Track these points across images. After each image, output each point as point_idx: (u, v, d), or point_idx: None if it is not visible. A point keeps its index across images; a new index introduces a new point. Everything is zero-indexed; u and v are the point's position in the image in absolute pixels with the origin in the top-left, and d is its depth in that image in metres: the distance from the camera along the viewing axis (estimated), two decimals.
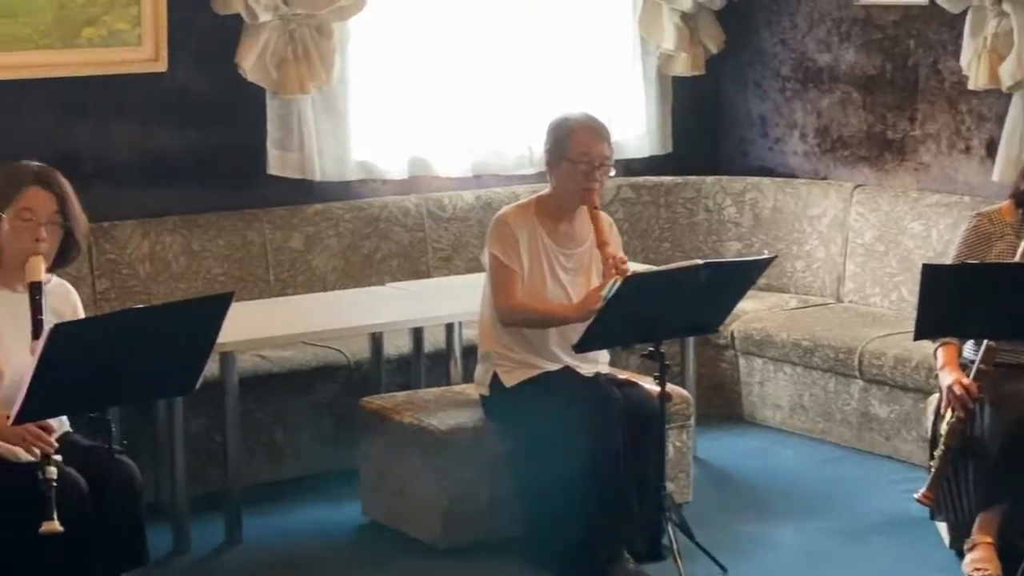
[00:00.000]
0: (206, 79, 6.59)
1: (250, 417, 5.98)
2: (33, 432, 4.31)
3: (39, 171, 4.60)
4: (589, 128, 5.43)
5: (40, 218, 4.51)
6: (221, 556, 5.56)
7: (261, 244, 6.65)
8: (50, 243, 4.54)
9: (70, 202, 4.58)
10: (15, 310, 4.45)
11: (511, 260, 5.34)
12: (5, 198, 4.53)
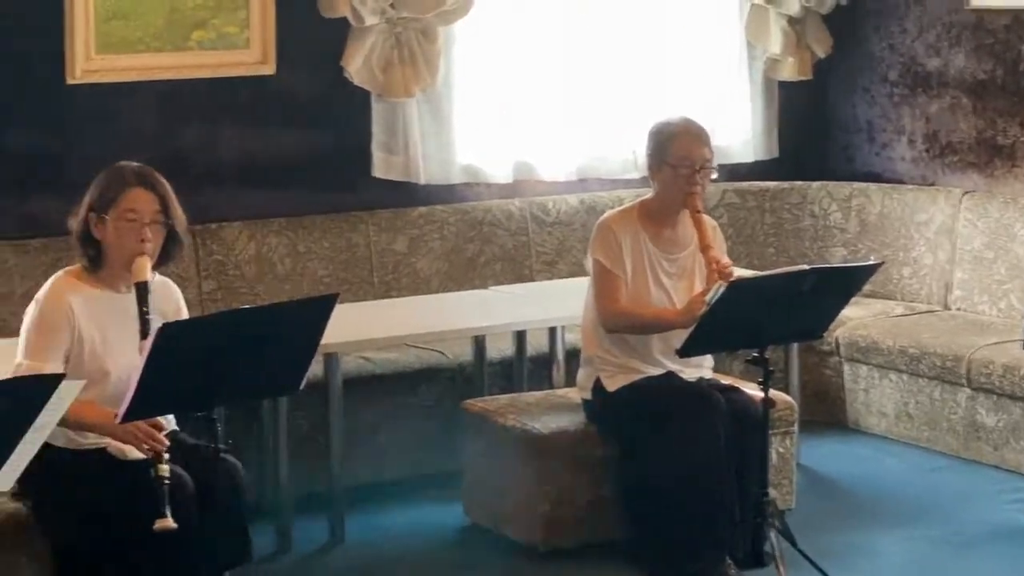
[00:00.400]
0: (313, 82, 6.63)
1: (354, 418, 6.00)
2: (144, 430, 4.36)
3: (140, 172, 4.63)
4: (689, 132, 5.40)
5: (143, 218, 4.55)
6: (323, 556, 5.59)
7: (366, 246, 6.68)
8: (154, 243, 4.57)
9: (171, 201, 4.61)
10: (121, 310, 4.49)
11: (614, 265, 5.33)
12: (108, 200, 4.56)
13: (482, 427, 5.71)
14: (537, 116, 7.15)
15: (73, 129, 6.16)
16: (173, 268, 6.12)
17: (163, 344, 4.14)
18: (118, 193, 4.56)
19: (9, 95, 6.06)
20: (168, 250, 4.65)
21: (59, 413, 3.58)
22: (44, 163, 6.01)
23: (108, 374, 4.50)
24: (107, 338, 4.54)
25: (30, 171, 6.03)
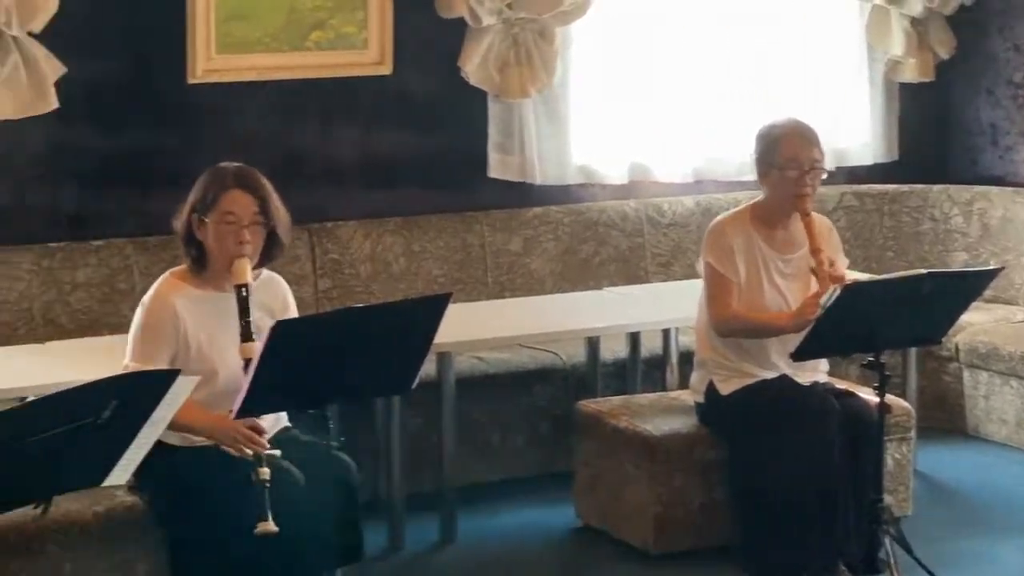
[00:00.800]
0: (429, 82, 6.65)
1: (466, 418, 6.01)
2: (244, 433, 4.39)
3: (238, 173, 4.63)
4: (796, 133, 5.35)
5: (242, 220, 4.56)
6: (435, 555, 5.61)
7: (480, 246, 6.69)
8: (254, 244, 4.58)
9: (271, 201, 4.61)
10: (226, 310, 4.51)
11: (726, 269, 5.29)
12: (208, 202, 4.59)
13: (595, 428, 5.69)
14: (653, 117, 7.12)
15: (193, 128, 6.23)
16: (289, 267, 6.24)
17: (277, 341, 4.17)
18: (217, 195, 4.58)
19: (132, 94, 6.14)
20: (269, 251, 4.66)
21: (174, 408, 3.63)
22: (164, 161, 6.08)
23: (216, 374, 4.53)
24: (214, 339, 4.57)
25: (150, 169, 6.11)
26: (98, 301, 5.96)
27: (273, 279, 4.78)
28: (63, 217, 6.07)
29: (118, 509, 4.68)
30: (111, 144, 6.12)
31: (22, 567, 4.57)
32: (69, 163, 6.07)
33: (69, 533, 4.61)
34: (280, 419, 4.74)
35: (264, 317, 4.58)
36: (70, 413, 3.38)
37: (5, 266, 5.88)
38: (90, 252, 6.01)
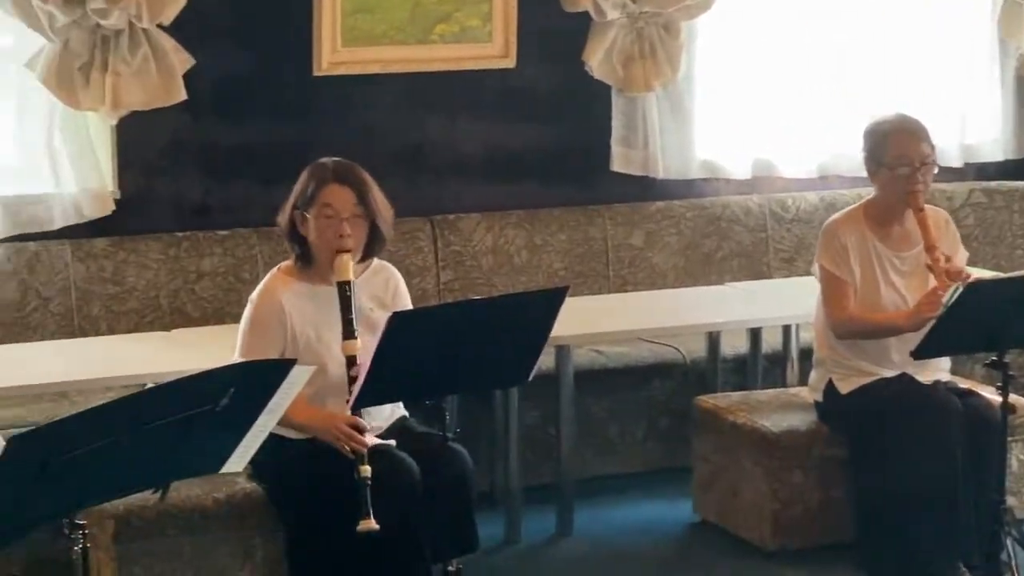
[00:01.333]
0: (553, 76, 6.66)
1: (585, 411, 6.03)
2: (345, 432, 4.44)
3: (336, 167, 4.66)
4: (904, 130, 5.28)
5: (342, 214, 4.58)
6: (551, 548, 5.62)
7: (602, 240, 6.69)
8: (355, 237, 4.60)
9: (370, 195, 4.62)
10: (334, 304, 4.53)
11: (841, 271, 5.24)
12: (308, 197, 4.63)
13: (713, 424, 5.68)
14: (778, 112, 7.07)
15: (318, 120, 6.30)
16: (412, 258, 6.29)
17: (393, 333, 4.20)
18: (316, 190, 4.62)
19: (258, 86, 6.22)
20: (372, 244, 4.68)
21: (290, 397, 3.67)
22: (289, 153, 6.12)
23: (325, 368, 4.55)
24: (321, 333, 4.61)
25: (276, 160, 6.16)
26: (223, 290, 6.05)
27: (384, 268, 4.80)
28: (189, 207, 6.17)
29: (238, 495, 4.75)
30: (237, 135, 6.21)
31: (144, 550, 4.66)
32: (196, 154, 6.17)
33: (190, 518, 4.69)
34: (396, 410, 4.78)
35: (375, 308, 4.62)
36: (189, 400, 3.42)
37: (134, 255, 5.98)
38: (215, 242, 6.11)
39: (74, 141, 5.92)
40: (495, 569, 5.39)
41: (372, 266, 4.75)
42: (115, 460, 3.32)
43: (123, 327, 5.89)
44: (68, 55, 5.79)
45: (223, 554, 4.74)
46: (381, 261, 4.81)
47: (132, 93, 5.87)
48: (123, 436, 3.29)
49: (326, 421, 4.48)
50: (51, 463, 3.17)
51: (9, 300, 5.79)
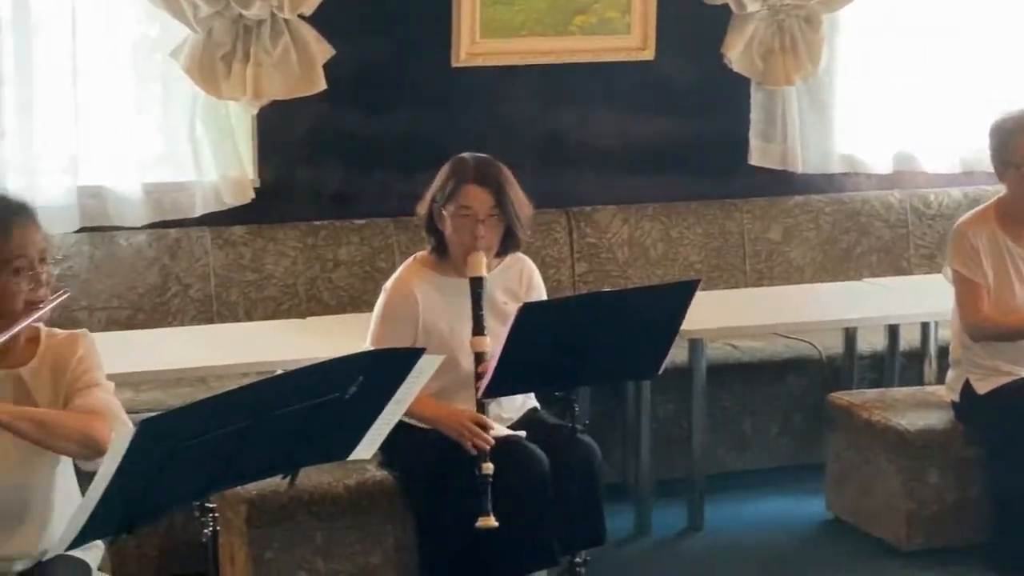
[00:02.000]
0: (692, 68, 6.63)
1: (718, 405, 6.00)
2: (469, 428, 4.45)
3: (477, 166, 4.65)
4: None
5: (478, 214, 4.59)
6: (681, 541, 5.60)
7: (739, 234, 6.65)
8: (489, 238, 4.60)
9: (508, 196, 4.61)
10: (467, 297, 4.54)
11: (973, 273, 5.15)
12: (447, 194, 4.64)
13: (847, 421, 5.62)
14: (920, 105, 6.97)
15: (456, 110, 6.32)
16: (547, 249, 6.30)
17: (523, 324, 4.21)
18: (456, 188, 4.62)
19: (397, 77, 6.26)
20: (507, 244, 4.68)
21: (418, 387, 3.68)
22: (427, 143, 6.18)
23: (456, 361, 4.57)
24: (453, 326, 4.63)
25: (414, 150, 6.21)
26: (359, 279, 6.10)
27: (519, 259, 4.81)
28: (327, 196, 6.23)
29: (369, 483, 4.79)
30: (375, 125, 6.26)
31: (276, 535, 4.71)
32: (334, 143, 6.22)
33: (321, 504, 4.74)
34: (527, 401, 4.79)
35: (508, 301, 4.62)
36: (317, 387, 3.45)
37: (272, 243, 6.05)
38: (353, 231, 6.16)
39: (215, 130, 6.00)
40: (624, 562, 5.38)
41: (507, 259, 4.76)
42: (244, 445, 3.35)
43: (260, 314, 5.97)
44: (211, 45, 5.87)
45: (353, 540, 4.78)
46: (518, 255, 4.80)
47: (273, 83, 5.93)
48: (252, 422, 3.32)
49: (452, 416, 4.50)
50: (181, 447, 3.21)
51: (150, 285, 5.89)
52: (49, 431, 3.46)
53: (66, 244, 5.79)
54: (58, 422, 3.49)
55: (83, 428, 3.48)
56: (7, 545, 3.59)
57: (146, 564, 5.10)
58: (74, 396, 3.57)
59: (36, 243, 3.60)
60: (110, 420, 3.52)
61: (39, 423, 3.46)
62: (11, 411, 3.44)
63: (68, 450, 3.52)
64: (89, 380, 3.60)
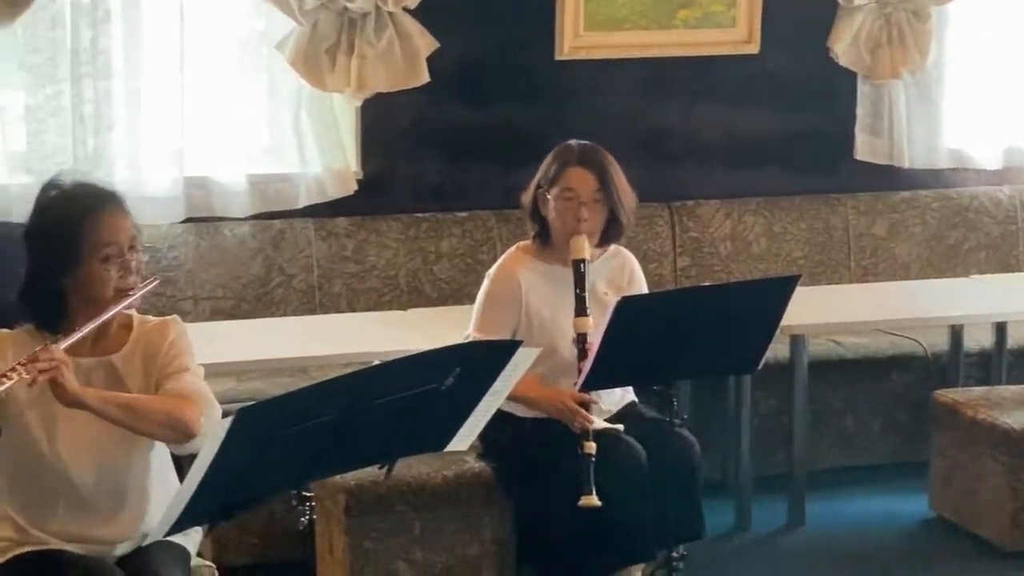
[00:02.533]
0: (797, 62, 6.58)
1: (821, 402, 5.95)
2: (572, 407, 4.45)
3: (582, 151, 4.67)
4: None
5: (581, 197, 4.59)
6: (781, 538, 5.57)
7: (843, 229, 6.60)
8: (592, 222, 4.60)
9: (612, 181, 4.61)
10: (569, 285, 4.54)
11: None
12: (551, 178, 4.65)
13: (952, 419, 5.56)
14: None
15: (558, 104, 6.32)
16: (649, 243, 6.29)
17: (621, 317, 4.21)
18: (560, 171, 4.64)
19: (500, 70, 6.27)
20: (609, 230, 4.68)
21: (515, 379, 3.69)
22: (529, 137, 6.18)
23: (556, 348, 4.58)
24: (555, 313, 4.62)
25: (516, 144, 6.21)
26: (460, 271, 6.11)
27: (620, 253, 4.80)
28: (430, 188, 6.25)
29: (467, 474, 4.80)
30: (478, 118, 6.27)
31: (375, 524, 4.74)
32: (437, 136, 6.24)
33: (420, 495, 4.76)
34: (626, 395, 4.78)
35: (610, 293, 4.62)
36: (414, 379, 3.47)
37: (375, 235, 6.08)
38: (455, 223, 6.18)
39: (319, 122, 6.04)
40: (724, 557, 5.36)
41: (609, 251, 4.76)
42: (341, 435, 3.37)
43: (362, 305, 6.00)
44: (316, 38, 5.91)
45: (451, 531, 4.80)
46: (618, 247, 4.81)
47: (377, 75, 5.96)
48: (348, 412, 3.35)
49: (555, 396, 4.50)
50: (278, 436, 3.24)
51: (254, 276, 5.95)
52: (138, 415, 3.50)
53: (172, 235, 5.86)
54: (146, 406, 3.52)
55: (172, 412, 3.51)
56: (106, 529, 3.63)
57: (247, 551, 5.15)
58: (164, 381, 3.60)
59: (126, 230, 3.63)
60: (199, 404, 3.55)
61: (128, 408, 3.50)
62: (101, 396, 3.48)
63: (157, 434, 3.56)
64: (179, 365, 3.63)
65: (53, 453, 3.58)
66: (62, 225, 3.59)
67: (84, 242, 3.57)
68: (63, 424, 3.58)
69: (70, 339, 3.49)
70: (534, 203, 4.71)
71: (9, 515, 3.64)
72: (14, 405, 3.56)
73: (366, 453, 3.59)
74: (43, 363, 3.37)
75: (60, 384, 3.39)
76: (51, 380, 3.39)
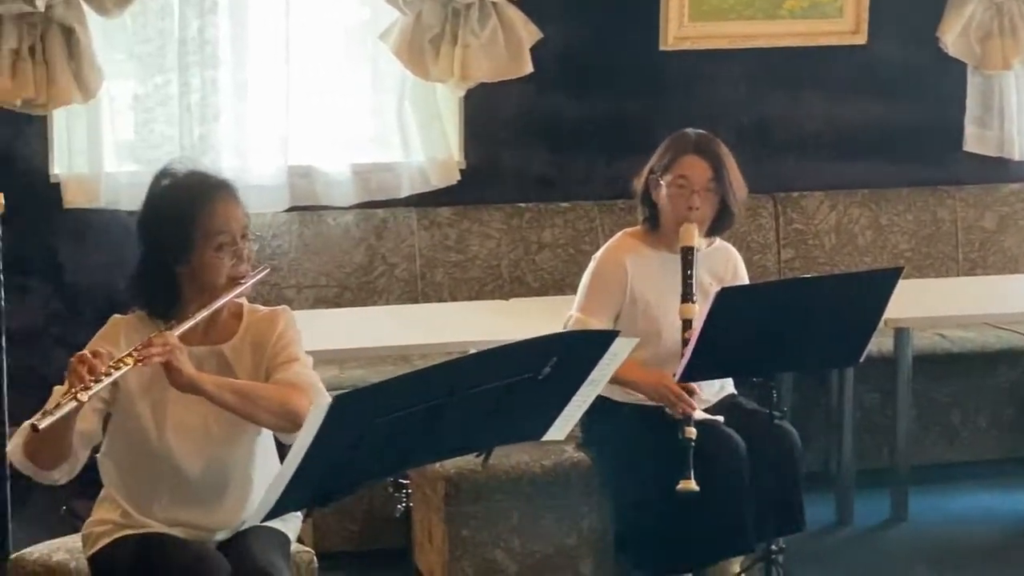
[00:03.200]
0: (905, 52, 6.52)
1: (925, 396, 5.90)
2: (675, 391, 4.44)
3: (698, 139, 4.67)
4: None
5: (694, 185, 4.59)
6: (883, 532, 5.52)
7: (951, 222, 6.52)
8: (703, 210, 4.60)
9: (727, 171, 4.60)
10: (676, 272, 4.54)
11: None
12: (665, 164, 4.65)
13: None
14: None
15: (662, 95, 6.30)
16: (753, 235, 6.25)
17: (720, 308, 4.19)
18: (674, 158, 4.64)
19: (604, 60, 6.26)
20: (720, 220, 4.66)
21: (612, 369, 3.67)
22: (632, 127, 6.17)
23: (660, 335, 4.58)
24: (661, 299, 4.62)
25: (620, 134, 6.21)
26: (563, 261, 6.11)
27: (726, 247, 4.80)
28: (533, 179, 6.26)
29: (565, 464, 4.80)
30: (581, 109, 6.27)
31: (473, 513, 4.75)
32: (540, 126, 6.25)
33: (518, 484, 4.76)
34: (726, 386, 4.76)
35: (713, 284, 4.60)
36: (512, 368, 3.46)
37: (477, 224, 6.10)
38: (557, 213, 6.18)
39: (423, 111, 6.06)
40: (825, 551, 5.32)
41: (714, 244, 4.75)
42: (437, 423, 3.38)
43: (464, 294, 6.02)
44: (420, 28, 5.93)
45: (550, 521, 4.80)
46: (724, 242, 4.80)
47: (480, 65, 5.97)
48: (445, 400, 3.35)
49: (656, 379, 4.49)
50: (374, 423, 3.25)
51: (357, 264, 5.98)
52: (251, 402, 3.53)
53: (276, 223, 5.91)
54: (259, 393, 3.55)
55: (283, 400, 3.54)
56: (209, 517, 3.67)
57: (348, 538, 5.19)
58: (274, 371, 3.63)
59: (239, 219, 3.67)
60: (309, 393, 3.58)
61: (241, 394, 3.53)
62: (216, 381, 3.52)
63: (268, 422, 3.58)
64: (289, 355, 3.65)
65: (161, 441, 3.63)
66: (176, 213, 3.63)
67: (198, 230, 3.61)
68: (172, 412, 3.62)
69: (183, 326, 3.53)
70: (646, 188, 4.70)
71: (115, 498, 3.69)
72: (126, 393, 3.61)
73: (463, 441, 3.59)
74: (157, 348, 3.42)
75: (176, 368, 3.43)
76: (166, 365, 3.43)
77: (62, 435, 3.44)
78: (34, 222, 5.73)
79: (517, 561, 4.78)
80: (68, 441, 3.47)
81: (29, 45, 5.56)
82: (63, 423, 3.37)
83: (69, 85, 5.60)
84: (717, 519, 4.45)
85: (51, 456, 3.50)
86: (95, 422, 3.59)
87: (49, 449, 3.48)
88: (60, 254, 5.86)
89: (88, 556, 3.70)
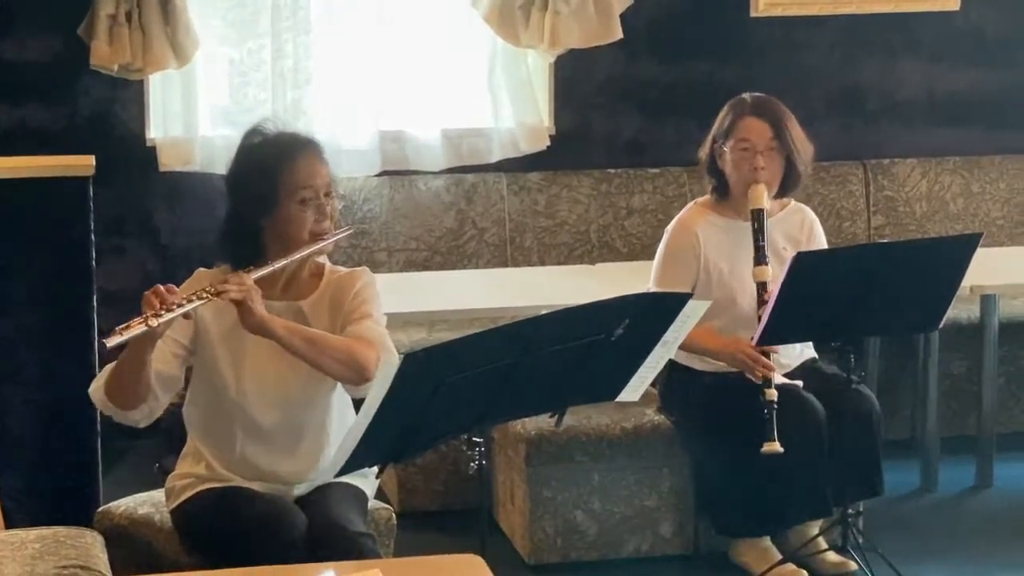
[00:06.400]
0: (1000, 18, 6.46)
1: (1013, 364, 5.86)
2: (752, 355, 4.47)
3: (754, 101, 4.69)
4: None
5: (756, 147, 4.61)
6: (967, 499, 5.50)
7: None
8: (769, 171, 4.62)
9: (787, 129, 4.62)
10: (748, 238, 4.56)
11: None
12: (726, 130, 4.69)
13: None
14: None
15: (752, 61, 6.29)
16: (843, 201, 6.24)
17: (797, 273, 4.21)
18: (733, 123, 4.67)
19: (694, 26, 6.27)
20: (786, 180, 4.67)
21: (685, 330, 3.72)
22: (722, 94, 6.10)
23: (735, 301, 4.61)
24: (734, 266, 4.65)
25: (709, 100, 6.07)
26: (651, 227, 6.12)
27: (801, 209, 4.81)
28: (622, 144, 6.28)
29: (646, 427, 4.85)
30: (671, 75, 6.28)
31: (554, 474, 4.81)
32: (630, 92, 6.27)
33: (598, 445, 4.81)
34: (806, 350, 4.78)
35: (789, 247, 4.62)
36: (582, 328, 3.51)
37: (567, 189, 6.14)
38: (646, 179, 6.20)
39: (513, 77, 6.10)
40: (909, 517, 5.31)
41: (789, 206, 4.77)
42: (510, 382, 3.43)
43: (553, 259, 6.07)
44: None
45: (630, 483, 4.85)
46: (799, 203, 4.81)
47: (570, 31, 6.00)
48: (517, 360, 3.40)
49: (733, 346, 4.53)
50: (447, 381, 3.31)
51: (447, 229, 6.05)
52: (319, 349, 3.59)
53: (367, 187, 5.99)
54: (328, 342, 3.62)
55: (351, 351, 3.60)
56: (284, 465, 3.74)
57: (433, 498, 5.26)
58: (348, 325, 3.70)
59: (323, 176, 3.74)
60: (377, 348, 3.64)
61: (310, 340, 3.60)
62: (286, 326, 3.59)
63: (335, 371, 3.64)
64: (363, 312, 3.72)
65: (239, 390, 3.71)
66: (262, 168, 3.71)
67: (282, 185, 3.68)
68: (250, 363, 3.70)
69: (261, 271, 3.62)
70: (711, 158, 4.73)
71: (199, 450, 3.78)
72: (206, 341, 3.70)
73: (536, 401, 3.65)
74: (232, 286, 3.50)
75: (248, 309, 3.52)
76: (239, 304, 3.51)
77: (138, 373, 3.53)
78: (130, 185, 5.86)
79: (597, 522, 4.84)
80: (146, 381, 3.56)
81: (126, 11, 5.67)
82: (138, 358, 3.48)
83: (165, 50, 5.71)
84: (796, 482, 4.49)
85: (130, 396, 3.60)
86: (175, 366, 3.68)
87: (128, 388, 3.57)
88: (155, 216, 5.98)
89: (171, 509, 3.79)
